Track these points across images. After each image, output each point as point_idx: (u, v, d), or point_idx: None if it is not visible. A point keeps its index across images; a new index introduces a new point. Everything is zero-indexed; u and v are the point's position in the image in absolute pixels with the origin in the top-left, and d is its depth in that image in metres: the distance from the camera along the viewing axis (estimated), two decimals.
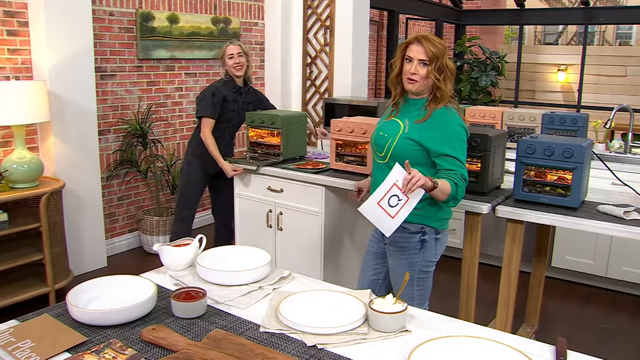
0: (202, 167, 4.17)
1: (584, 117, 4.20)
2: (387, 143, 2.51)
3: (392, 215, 2.26)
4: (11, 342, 1.56)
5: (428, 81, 2.44)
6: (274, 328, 1.66)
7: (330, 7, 5.73)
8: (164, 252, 2.08)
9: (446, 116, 2.46)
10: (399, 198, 2.25)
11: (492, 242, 4.70)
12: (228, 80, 4.15)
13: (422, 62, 2.42)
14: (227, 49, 4.13)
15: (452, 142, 2.42)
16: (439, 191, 2.32)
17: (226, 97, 4.08)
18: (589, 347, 3.50)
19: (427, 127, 2.45)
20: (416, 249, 2.56)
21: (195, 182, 4.22)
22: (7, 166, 3.78)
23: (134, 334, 1.62)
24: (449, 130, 2.43)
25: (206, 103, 4.02)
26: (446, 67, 2.44)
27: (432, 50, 2.39)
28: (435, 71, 2.42)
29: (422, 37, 2.43)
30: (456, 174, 2.38)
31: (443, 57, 2.42)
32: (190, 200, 4.25)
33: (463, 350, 1.53)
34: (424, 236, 2.55)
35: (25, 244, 4.02)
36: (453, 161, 2.41)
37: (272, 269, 2.08)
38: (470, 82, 8.52)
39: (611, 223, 2.61)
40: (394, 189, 2.25)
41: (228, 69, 4.13)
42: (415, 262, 2.57)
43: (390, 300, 1.69)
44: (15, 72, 4.12)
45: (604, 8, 10.95)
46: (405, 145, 2.46)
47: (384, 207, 2.28)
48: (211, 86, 4.13)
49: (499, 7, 10.29)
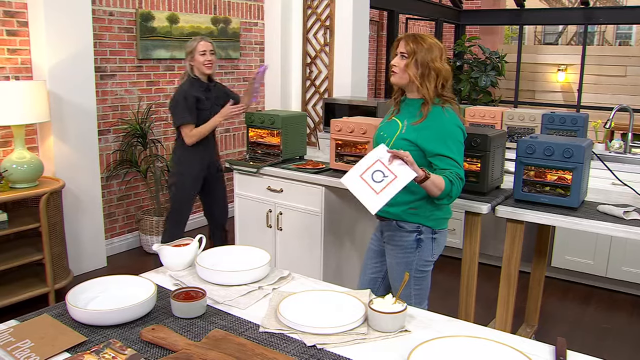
0: (191, 179, 3.98)
1: (584, 117, 4.21)
2: (386, 143, 2.52)
3: (377, 190, 2.22)
4: (11, 342, 1.56)
5: (406, 75, 2.49)
6: (273, 328, 1.65)
7: (330, 7, 5.74)
8: (163, 252, 2.08)
9: (442, 116, 2.47)
10: (384, 174, 2.22)
11: (491, 242, 4.70)
12: (194, 80, 3.91)
13: (402, 55, 2.49)
14: (199, 45, 3.86)
15: (448, 142, 2.43)
16: (432, 184, 2.32)
17: (198, 97, 3.87)
18: (588, 347, 3.51)
19: (423, 127, 2.46)
20: (412, 247, 2.57)
21: (187, 199, 4.05)
22: (6, 166, 3.78)
23: (134, 334, 1.62)
24: (445, 131, 2.44)
25: (182, 109, 3.81)
26: (428, 65, 2.45)
27: (411, 45, 2.45)
28: (415, 67, 2.45)
29: (408, 34, 2.52)
30: (452, 173, 2.39)
31: (423, 53, 2.44)
32: (181, 211, 4.07)
33: (463, 350, 1.53)
34: (420, 235, 2.56)
35: (25, 244, 4.02)
36: (448, 161, 2.42)
37: (271, 269, 2.08)
38: (470, 82, 8.51)
39: (611, 223, 2.62)
40: (378, 164, 2.23)
41: (197, 65, 3.88)
42: (411, 261, 2.58)
43: (390, 300, 1.69)
44: (15, 72, 4.12)
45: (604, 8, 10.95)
46: (401, 145, 2.46)
47: (367, 181, 2.24)
48: (180, 90, 3.88)
49: (498, 7, 10.29)
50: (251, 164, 3.77)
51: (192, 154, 3.94)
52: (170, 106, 3.94)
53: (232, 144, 6.12)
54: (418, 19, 9.83)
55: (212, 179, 4.08)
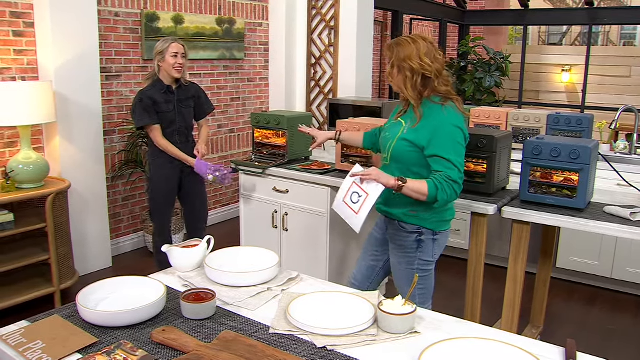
0: (164, 182, 3.90)
1: (589, 118, 4.19)
2: (388, 144, 2.55)
3: (356, 211, 2.40)
4: (22, 343, 1.57)
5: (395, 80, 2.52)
6: (283, 329, 1.66)
7: (335, 7, 5.74)
8: (172, 253, 2.09)
9: (440, 116, 2.43)
10: (359, 195, 2.39)
11: (496, 243, 4.70)
12: (156, 81, 3.80)
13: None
14: (171, 46, 3.72)
15: (442, 142, 2.39)
16: (410, 191, 2.37)
17: (156, 100, 3.74)
18: (594, 348, 3.50)
19: (421, 127, 2.45)
20: (413, 248, 2.58)
21: (163, 202, 3.98)
22: (13, 166, 3.79)
23: (144, 335, 1.63)
24: (440, 131, 2.40)
25: (139, 112, 3.72)
26: (403, 67, 2.45)
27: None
28: (396, 72, 2.49)
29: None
30: (441, 176, 2.36)
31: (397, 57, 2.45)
32: (161, 215, 4.00)
33: (473, 352, 1.54)
34: (420, 236, 2.57)
35: (31, 244, 4.03)
36: (442, 162, 2.38)
37: (280, 270, 2.09)
38: (474, 83, 8.51)
39: (618, 224, 2.61)
40: (354, 186, 2.42)
41: (166, 67, 3.74)
42: (413, 261, 2.61)
43: (400, 301, 1.69)
44: (21, 73, 4.13)
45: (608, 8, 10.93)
46: (402, 146, 2.48)
47: (348, 204, 2.43)
48: (138, 93, 3.78)
49: (502, 7, 10.28)
50: (257, 164, 3.77)
51: (162, 159, 3.86)
52: (131, 110, 3.87)
53: (236, 145, 6.13)
54: (422, 19, 9.84)
55: (188, 181, 3.99)
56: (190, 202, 4.09)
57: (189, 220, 4.17)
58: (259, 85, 6.30)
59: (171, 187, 3.95)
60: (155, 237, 4.08)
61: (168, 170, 3.88)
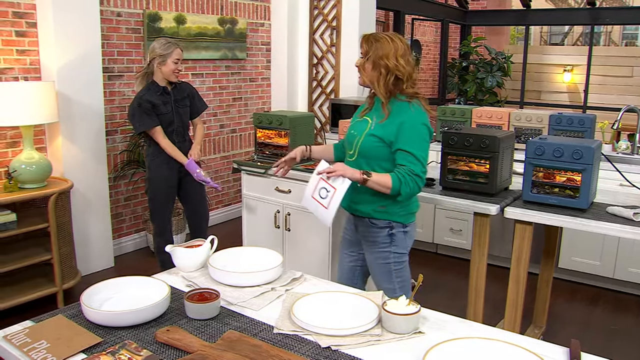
0: (163, 184, 3.92)
1: (591, 118, 4.19)
2: (355, 141, 2.58)
3: (326, 206, 2.44)
4: (27, 342, 1.57)
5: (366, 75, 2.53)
6: (287, 329, 1.66)
7: (337, 7, 5.74)
8: (176, 253, 2.09)
9: (407, 112, 2.49)
10: (327, 190, 2.43)
11: (498, 243, 4.70)
12: (151, 83, 3.81)
13: (361, 55, 2.55)
14: (175, 51, 3.76)
15: (408, 137, 2.45)
16: (375, 184, 2.42)
17: (154, 102, 3.75)
18: (597, 348, 3.50)
19: (388, 123, 2.50)
20: (386, 242, 2.63)
21: (162, 204, 3.98)
22: (15, 166, 3.80)
23: (148, 335, 1.63)
24: (407, 127, 2.46)
25: (139, 117, 3.74)
26: (380, 64, 2.47)
27: (365, 45, 2.52)
28: (370, 66, 2.50)
29: (366, 34, 2.56)
30: (405, 169, 2.43)
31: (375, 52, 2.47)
32: (161, 215, 4.00)
33: (477, 352, 1.54)
34: (392, 230, 2.62)
35: (33, 244, 4.04)
36: (406, 156, 2.44)
37: (284, 270, 2.09)
38: (476, 83, 8.51)
39: (621, 225, 2.61)
40: (321, 182, 2.46)
41: (165, 70, 3.77)
42: (388, 256, 2.65)
43: (404, 301, 1.69)
44: (23, 73, 4.14)
45: (610, 8, 10.93)
46: (370, 142, 2.52)
47: (317, 199, 2.48)
48: (135, 98, 3.78)
49: (504, 7, 10.27)
50: (259, 164, 3.78)
51: (160, 159, 3.87)
52: (128, 115, 3.87)
53: (238, 145, 6.13)
54: (424, 19, 9.83)
55: (187, 181, 4.00)
56: (190, 201, 4.11)
57: (192, 219, 4.18)
58: (260, 85, 6.30)
59: (170, 186, 3.96)
60: (156, 238, 4.08)
61: (166, 170, 3.89)
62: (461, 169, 3.15)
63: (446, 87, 8.98)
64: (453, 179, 3.15)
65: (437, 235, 5.05)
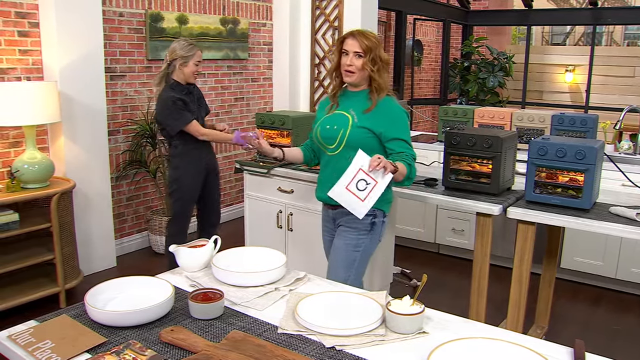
0: (191, 183, 3.90)
1: (594, 118, 4.20)
2: (339, 134, 2.64)
3: (362, 198, 2.42)
4: (31, 342, 1.57)
5: (364, 72, 2.61)
6: (292, 329, 1.66)
7: (339, 7, 5.74)
8: (179, 253, 2.09)
9: (392, 104, 2.65)
10: (366, 182, 2.40)
11: (499, 243, 4.70)
12: (175, 83, 3.82)
13: (357, 54, 2.58)
14: (197, 53, 3.82)
15: (400, 126, 2.62)
16: (399, 174, 2.49)
17: (184, 100, 3.77)
18: (599, 348, 3.48)
19: (376, 115, 2.61)
20: (366, 230, 2.69)
21: (189, 204, 3.97)
22: (18, 166, 3.80)
23: (153, 335, 1.63)
24: (397, 116, 2.63)
25: (176, 114, 3.73)
26: (380, 58, 2.60)
27: (366, 43, 2.56)
28: (370, 63, 2.58)
29: (356, 32, 2.60)
30: (407, 155, 2.57)
31: (376, 49, 2.59)
32: (186, 216, 4.00)
33: (482, 352, 1.54)
34: (374, 219, 2.69)
35: (35, 244, 4.04)
36: (403, 144, 2.60)
37: (287, 270, 2.09)
38: (477, 83, 8.52)
39: (624, 225, 2.61)
40: (360, 173, 2.41)
41: (187, 72, 3.79)
42: (360, 244, 2.70)
43: (408, 301, 1.70)
44: (26, 73, 4.14)
45: (612, 8, 10.93)
46: (359, 133, 2.60)
47: (353, 192, 2.43)
48: (166, 97, 3.74)
49: (506, 7, 10.27)
50: (261, 164, 3.78)
51: (190, 158, 3.87)
52: (160, 116, 3.81)
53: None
54: (425, 19, 9.83)
55: (209, 182, 4.01)
56: (210, 200, 4.13)
57: (209, 218, 4.18)
58: (262, 85, 6.31)
59: (198, 185, 3.97)
60: (173, 239, 3.90)
61: (195, 168, 3.90)
62: (464, 169, 3.15)
63: (448, 87, 8.98)
64: (456, 179, 3.15)
65: (439, 235, 5.05)
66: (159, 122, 3.88)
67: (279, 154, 2.83)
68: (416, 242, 5.22)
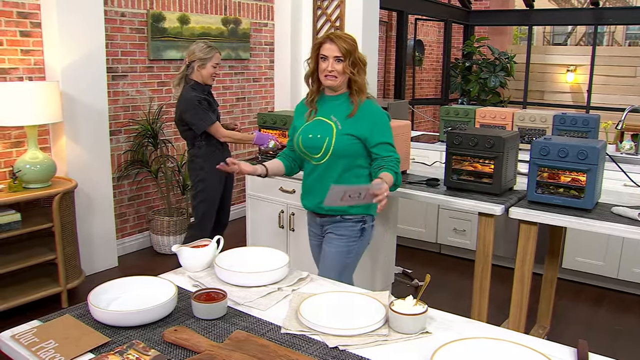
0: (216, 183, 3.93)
1: (595, 118, 4.19)
2: (325, 143, 2.57)
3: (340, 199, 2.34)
4: (35, 342, 1.57)
5: (345, 76, 2.55)
6: (295, 329, 1.66)
7: (340, 7, 5.74)
8: (182, 253, 2.09)
9: (373, 107, 2.61)
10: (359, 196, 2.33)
11: (500, 243, 4.69)
12: (197, 84, 3.84)
13: (337, 58, 2.51)
14: (215, 56, 3.83)
15: (384, 129, 2.59)
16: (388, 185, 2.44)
17: (208, 100, 3.84)
18: (601, 348, 3.47)
19: (359, 119, 2.57)
20: (356, 236, 2.67)
21: (214, 204, 3.99)
22: (20, 166, 3.80)
23: (156, 335, 1.63)
24: (380, 120, 2.60)
25: (203, 114, 3.75)
26: (359, 60, 2.56)
27: (345, 46, 2.50)
28: (350, 66, 2.53)
29: (333, 36, 2.53)
30: (392, 161, 2.54)
31: (355, 51, 2.54)
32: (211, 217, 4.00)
33: (485, 352, 1.54)
34: (364, 225, 2.68)
35: (37, 244, 4.04)
36: (388, 147, 2.58)
37: (290, 270, 2.09)
38: (479, 83, 8.51)
39: (626, 225, 2.61)
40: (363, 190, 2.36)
41: (205, 74, 3.82)
42: (351, 250, 2.68)
43: (411, 301, 1.70)
44: (28, 73, 4.14)
45: (614, 8, 10.92)
46: (344, 141, 2.56)
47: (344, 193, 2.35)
48: (190, 97, 3.76)
49: (507, 7, 10.26)
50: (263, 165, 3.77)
51: (215, 158, 3.80)
52: (185, 115, 3.78)
53: (242, 145, 6.12)
54: (427, 19, 9.83)
55: (227, 183, 4.06)
56: (226, 199, 4.16)
57: (219, 216, 4.17)
58: (264, 85, 6.31)
59: (221, 185, 4.01)
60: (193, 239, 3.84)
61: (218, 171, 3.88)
62: (466, 169, 3.15)
63: (449, 87, 8.98)
64: (458, 179, 3.15)
65: (440, 235, 5.05)
66: (184, 122, 3.86)
67: (262, 171, 2.72)
68: (418, 242, 5.22)
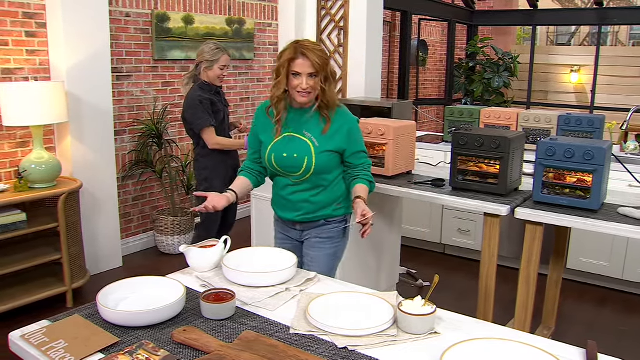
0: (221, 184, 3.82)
1: (600, 119, 4.19)
2: (304, 162, 2.47)
3: None
4: (45, 342, 1.58)
5: (317, 91, 2.44)
6: (304, 330, 1.67)
7: (344, 8, 5.73)
8: (190, 253, 2.10)
9: (345, 115, 2.55)
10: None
11: (505, 244, 4.69)
12: (205, 84, 3.86)
13: (311, 75, 2.39)
14: (223, 57, 3.84)
15: (358, 137, 2.59)
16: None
17: (212, 100, 3.84)
18: (606, 349, 3.46)
19: (335, 134, 2.50)
20: (340, 237, 2.68)
21: None
22: (25, 166, 3.81)
23: (165, 335, 1.64)
24: (353, 128, 2.56)
25: (201, 113, 3.75)
26: (330, 73, 2.48)
27: (318, 62, 2.37)
28: (324, 79, 2.43)
29: (304, 50, 2.37)
30: (364, 167, 2.58)
31: (328, 65, 2.44)
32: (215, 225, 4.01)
33: (494, 352, 1.54)
34: (347, 223, 2.69)
35: (43, 244, 4.05)
36: (362, 155, 2.59)
37: (297, 271, 2.10)
38: (482, 83, 8.50)
39: (632, 226, 2.61)
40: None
41: (212, 75, 3.84)
42: (338, 250, 2.70)
43: (419, 302, 1.70)
44: (33, 73, 4.15)
45: (618, 8, 10.89)
46: (324, 158, 2.49)
47: None
48: (194, 96, 3.79)
49: (511, 7, 10.24)
50: None
51: (219, 158, 3.91)
52: (186, 113, 3.83)
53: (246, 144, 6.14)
54: (431, 19, 9.82)
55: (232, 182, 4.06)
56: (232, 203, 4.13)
57: (226, 216, 4.16)
58: (268, 85, 6.31)
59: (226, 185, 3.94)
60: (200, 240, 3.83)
61: (224, 168, 3.94)
62: (471, 169, 3.15)
63: (453, 87, 8.97)
64: (463, 179, 3.15)
65: (445, 235, 5.04)
66: (185, 121, 3.91)
67: (233, 199, 2.58)
68: (422, 243, 5.22)
